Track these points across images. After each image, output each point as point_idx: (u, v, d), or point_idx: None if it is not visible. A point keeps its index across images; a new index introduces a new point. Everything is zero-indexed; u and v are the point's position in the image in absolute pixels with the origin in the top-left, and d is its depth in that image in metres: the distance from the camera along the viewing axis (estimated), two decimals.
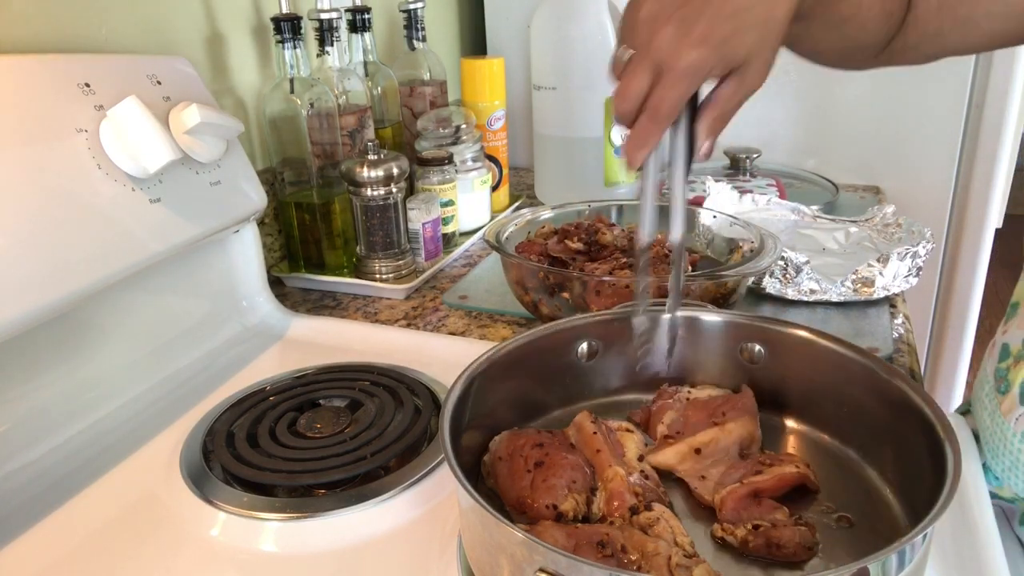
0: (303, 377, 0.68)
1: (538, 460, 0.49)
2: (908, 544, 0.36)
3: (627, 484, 0.48)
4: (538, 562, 0.36)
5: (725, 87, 0.45)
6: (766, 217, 0.95)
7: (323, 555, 0.49)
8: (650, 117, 0.44)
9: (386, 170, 0.83)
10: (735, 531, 0.46)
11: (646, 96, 0.44)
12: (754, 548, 0.45)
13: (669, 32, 0.42)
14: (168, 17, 0.79)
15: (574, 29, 1.03)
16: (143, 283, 0.68)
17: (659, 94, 0.43)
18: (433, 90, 1.09)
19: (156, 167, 0.61)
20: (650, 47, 0.43)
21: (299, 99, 0.84)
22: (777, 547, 0.45)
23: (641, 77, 0.43)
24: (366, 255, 0.88)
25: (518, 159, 1.40)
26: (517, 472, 0.49)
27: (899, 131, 1.20)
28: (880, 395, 0.51)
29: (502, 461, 0.51)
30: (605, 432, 0.53)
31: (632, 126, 0.46)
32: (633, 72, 0.44)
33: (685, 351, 0.59)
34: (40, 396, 0.60)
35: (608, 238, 0.78)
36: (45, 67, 0.59)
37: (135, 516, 0.53)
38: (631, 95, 0.44)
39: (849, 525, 0.48)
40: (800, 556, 0.45)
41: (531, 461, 0.49)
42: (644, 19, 0.43)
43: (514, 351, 0.55)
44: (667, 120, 0.44)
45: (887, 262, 0.78)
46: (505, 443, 0.52)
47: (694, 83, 0.44)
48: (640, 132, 0.45)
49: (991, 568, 0.45)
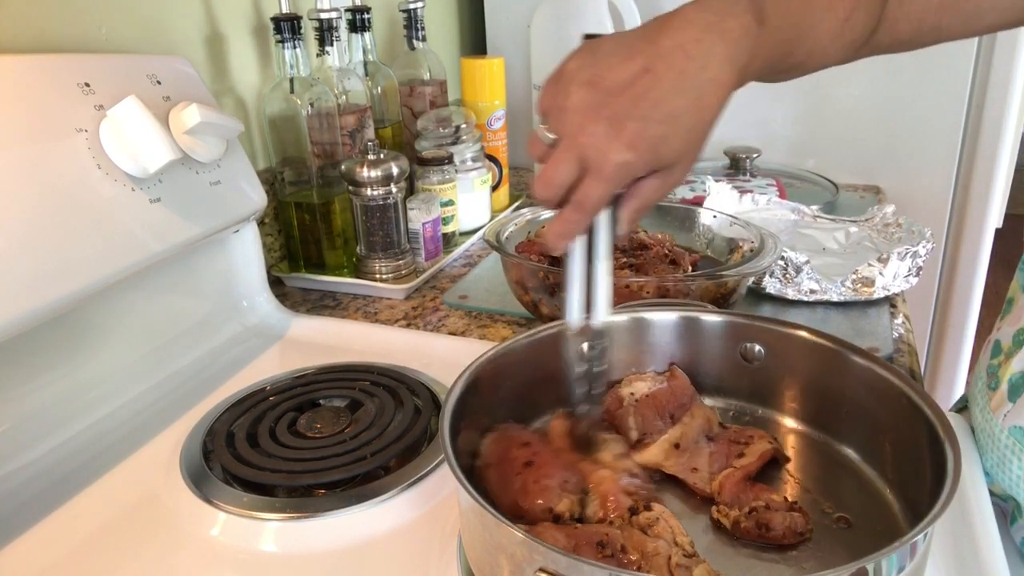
0: (303, 377, 0.68)
1: (527, 460, 0.49)
2: (908, 544, 0.36)
3: (618, 485, 0.48)
4: (538, 562, 0.36)
5: (650, 181, 0.45)
6: (766, 217, 0.95)
7: (323, 555, 0.49)
8: (575, 208, 0.45)
9: (386, 170, 0.83)
10: (729, 512, 0.48)
11: (571, 187, 0.44)
12: (745, 529, 0.47)
13: (600, 130, 0.42)
14: (168, 17, 0.79)
15: (574, 29, 1.03)
16: (143, 283, 0.68)
17: (585, 190, 0.44)
18: (433, 90, 1.09)
19: (156, 167, 0.61)
20: (577, 140, 0.43)
21: (299, 99, 0.84)
22: (767, 528, 0.46)
23: (567, 168, 0.44)
24: (366, 255, 0.88)
25: (518, 159, 1.39)
26: (507, 475, 0.49)
27: (899, 131, 1.20)
28: (880, 395, 0.51)
29: (491, 467, 0.50)
30: (582, 433, 0.53)
31: (555, 210, 0.46)
32: (558, 161, 0.44)
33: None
34: (40, 396, 0.60)
35: None
36: (45, 67, 0.59)
37: (135, 516, 0.53)
38: (555, 184, 0.44)
39: (848, 525, 0.48)
40: (788, 540, 0.46)
41: (520, 462, 0.49)
42: (573, 108, 0.43)
43: (514, 351, 0.55)
44: (592, 213, 0.45)
45: (887, 262, 0.78)
46: (492, 448, 0.52)
47: (621, 183, 0.44)
48: (565, 221, 0.46)
49: (991, 568, 0.45)
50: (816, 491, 0.51)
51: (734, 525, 0.47)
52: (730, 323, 0.59)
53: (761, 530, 0.46)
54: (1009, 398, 0.57)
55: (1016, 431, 0.56)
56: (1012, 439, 0.56)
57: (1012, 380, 0.57)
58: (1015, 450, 0.56)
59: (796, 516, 0.47)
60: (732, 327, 0.59)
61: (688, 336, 0.60)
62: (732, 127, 1.29)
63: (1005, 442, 0.56)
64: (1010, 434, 0.56)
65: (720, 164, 1.25)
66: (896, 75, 1.17)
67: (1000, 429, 0.57)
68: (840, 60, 0.51)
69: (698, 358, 0.60)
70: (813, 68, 0.51)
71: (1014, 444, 0.56)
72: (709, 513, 0.49)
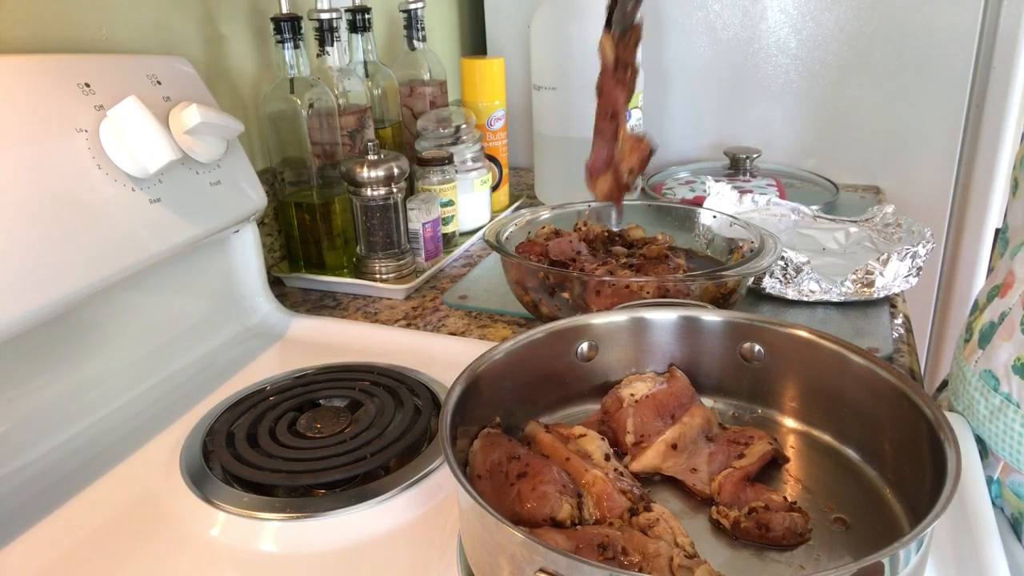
0: (303, 377, 0.68)
1: (520, 472, 0.48)
2: (908, 544, 0.36)
3: (612, 485, 0.48)
4: (538, 562, 0.36)
5: None
6: (766, 217, 0.95)
7: (323, 555, 0.49)
8: None
9: (386, 170, 0.83)
10: (729, 513, 0.48)
11: None
12: (745, 529, 0.46)
13: None
14: (168, 17, 0.79)
15: (574, 29, 1.03)
16: (143, 283, 0.68)
17: None
18: (433, 90, 1.09)
19: (156, 167, 0.61)
20: None
21: (299, 99, 0.84)
22: (766, 529, 0.46)
23: None
24: (366, 255, 0.88)
25: (518, 159, 1.40)
26: (501, 487, 0.49)
27: (899, 131, 1.20)
28: (880, 395, 0.51)
29: (482, 479, 0.50)
30: (562, 438, 0.53)
31: None
32: None
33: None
34: (40, 396, 0.60)
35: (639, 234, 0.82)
36: (45, 67, 0.59)
37: (135, 516, 0.53)
38: None
39: (848, 526, 0.48)
40: (788, 540, 0.46)
41: (513, 474, 0.49)
42: None
43: (514, 351, 0.55)
44: None
45: (887, 262, 0.78)
46: (480, 460, 0.51)
47: None
48: None
49: (991, 568, 0.45)
50: (816, 491, 0.51)
51: (734, 525, 0.47)
52: (730, 323, 0.59)
53: (761, 531, 0.46)
54: (979, 345, 0.60)
55: (986, 374, 0.58)
56: (981, 382, 0.59)
57: (983, 329, 0.60)
58: (983, 391, 0.58)
59: (796, 516, 0.47)
60: (732, 327, 0.59)
61: (688, 336, 0.60)
62: (732, 127, 1.30)
63: (975, 385, 0.59)
64: (980, 377, 0.59)
65: (720, 164, 1.25)
66: (896, 75, 1.17)
67: (972, 373, 0.60)
68: None
69: (698, 358, 0.60)
70: None
71: (983, 386, 0.58)
72: (709, 514, 0.49)
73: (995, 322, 0.59)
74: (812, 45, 1.20)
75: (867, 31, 1.17)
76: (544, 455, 0.51)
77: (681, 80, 1.29)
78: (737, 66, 1.25)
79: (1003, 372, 0.57)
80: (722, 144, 1.28)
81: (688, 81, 1.29)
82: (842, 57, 1.19)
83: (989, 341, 0.59)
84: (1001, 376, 0.57)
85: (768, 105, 1.26)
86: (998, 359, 0.57)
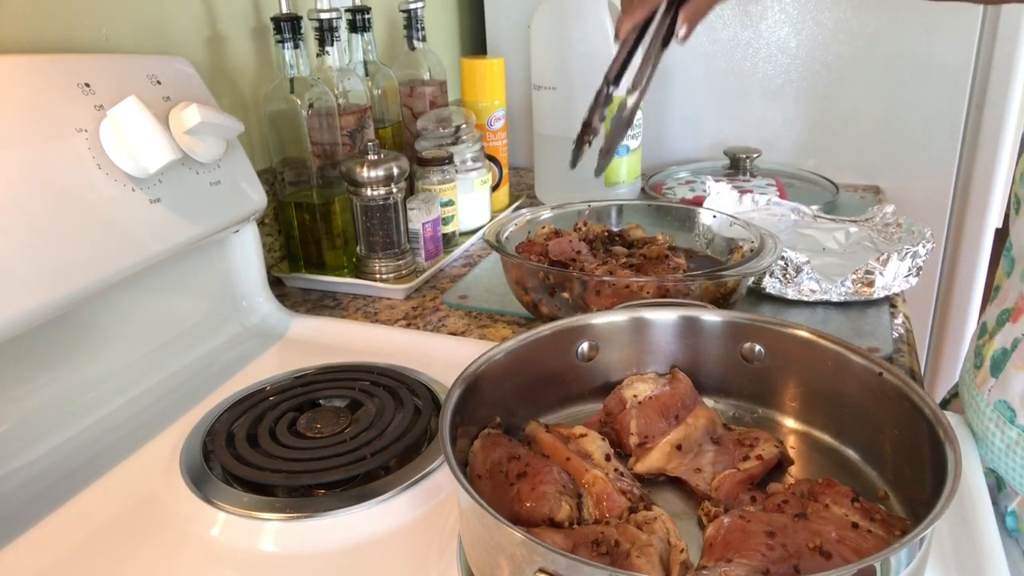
0: (303, 377, 0.68)
1: (519, 472, 0.48)
2: (908, 544, 0.36)
3: (612, 485, 0.48)
4: (538, 562, 0.36)
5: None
6: (766, 217, 0.95)
7: (323, 555, 0.49)
8: (642, 2, 0.56)
9: (386, 170, 0.83)
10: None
11: None
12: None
13: None
14: (168, 17, 0.79)
15: (574, 29, 1.03)
16: (143, 283, 0.68)
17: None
18: (433, 90, 1.09)
19: (156, 167, 0.61)
20: None
21: (299, 99, 0.84)
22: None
23: None
24: (366, 255, 0.88)
25: (518, 159, 1.40)
26: (501, 487, 0.49)
27: (899, 131, 1.20)
28: (880, 395, 0.51)
29: (482, 479, 0.50)
30: (562, 438, 0.53)
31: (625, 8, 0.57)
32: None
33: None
34: (40, 396, 0.60)
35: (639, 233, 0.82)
36: (45, 67, 0.59)
37: (135, 516, 0.53)
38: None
39: None
40: None
41: (512, 474, 0.49)
42: None
43: (514, 351, 0.55)
44: (654, 3, 0.56)
45: (887, 262, 0.78)
46: (480, 460, 0.51)
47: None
48: (633, 10, 0.57)
49: (991, 568, 0.45)
50: None
51: None
52: (730, 323, 0.59)
53: None
54: (992, 373, 0.58)
55: (1000, 405, 0.57)
56: (996, 413, 0.57)
57: (995, 356, 0.59)
58: (998, 423, 0.57)
59: None
60: (732, 327, 0.59)
61: (688, 336, 0.60)
62: (732, 127, 1.30)
63: (989, 416, 0.58)
64: (995, 408, 0.57)
65: (720, 164, 1.25)
66: (896, 75, 1.17)
67: (985, 404, 0.58)
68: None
69: (698, 358, 0.60)
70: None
71: (998, 417, 0.57)
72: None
73: (1008, 349, 0.57)
74: (812, 45, 1.20)
75: (867, 31, 1.17)
76: (544, 455, 0.51)
77: (681, 80, 1.29)
78: (737, 65, 1.25)
79: (1019, 403, 0.55)
80: (722, 144, 1.27)
81: (688, 81, 1.29)
82: (842, 57, 1.19)
83: (1002, 369, 0.57)
84: (1018, 408, 0.55)
85: (768, 105, 1.26)
86: (1013, 390, 0.55)
